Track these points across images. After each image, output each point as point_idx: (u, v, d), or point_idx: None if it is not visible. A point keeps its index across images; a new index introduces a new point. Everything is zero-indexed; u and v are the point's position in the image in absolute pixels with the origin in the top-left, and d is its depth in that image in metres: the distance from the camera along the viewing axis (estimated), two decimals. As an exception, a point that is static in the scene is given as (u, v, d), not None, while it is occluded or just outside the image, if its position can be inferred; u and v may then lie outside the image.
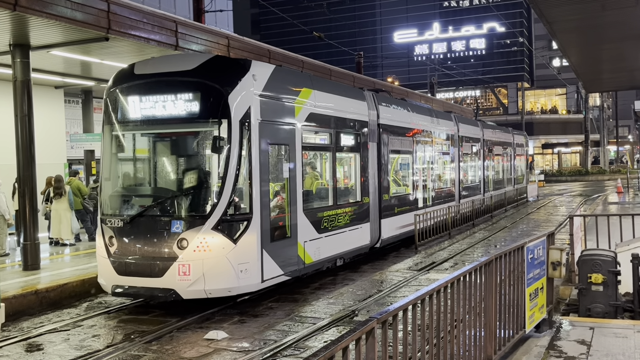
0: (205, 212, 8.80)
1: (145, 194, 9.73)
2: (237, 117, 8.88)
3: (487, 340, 5.84)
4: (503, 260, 6.20)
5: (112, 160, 9.79)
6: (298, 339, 7.51)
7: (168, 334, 7.94)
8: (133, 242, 8.96)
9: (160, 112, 9.21)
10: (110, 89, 9.76)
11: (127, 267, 8.89)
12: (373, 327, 3.72)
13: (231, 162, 8.78)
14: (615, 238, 10.44)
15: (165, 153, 9.93)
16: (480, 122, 24.28)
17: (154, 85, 9.33)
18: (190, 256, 8.59)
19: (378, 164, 13.75)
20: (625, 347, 6.39)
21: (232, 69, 9.35)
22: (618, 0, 12.25)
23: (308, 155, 11.11)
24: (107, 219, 9.24)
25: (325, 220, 11.19)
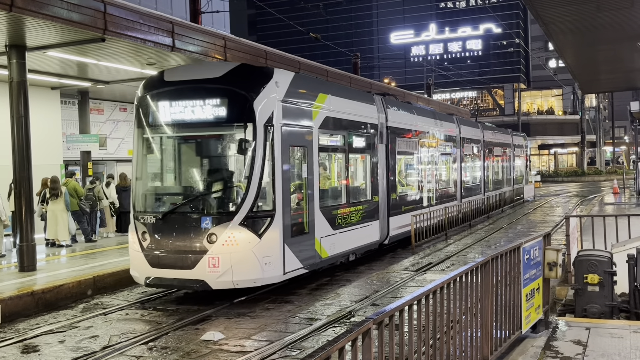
0: (232, 209, 9.50)
1: (176, 192, 10.42)
2: (261, 121, 9.53)
3: (483, 341, 5.85)
4: (499, 261, 6.21)
5: (144, 161, 10.43)
6: (294, 340, 7.51)
7: (165, 335, 7.94)
8: (165, 237, 9.62)
9: (189, 117, 9.86)
10: (141, 95, 10.34)
11: (160, 260, 9.53)
12: (369, 327, 3.72)
13: (256, 162, 9.44)
14: (611, 239, 10.47)
15: (194, 154, 10.57)
16: (481, 124, 24.84)
17: (184, 91, 9.96)
18: (219, 250, 9.24)
19: (386, 164, 14.39)
20: (621, 347, 6.41)
21: (256, 76, 9.99)
22: (613, 2, 12.28)
23: (324, 156, 11.71)
24: (140, 216, 9.88)
25: (339, 217, 11.83)
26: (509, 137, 29.26)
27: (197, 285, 9.36)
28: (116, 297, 10.54)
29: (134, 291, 10.91)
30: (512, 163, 29.54)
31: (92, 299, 10.33)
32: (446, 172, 19.62)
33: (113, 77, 15.86)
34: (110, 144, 20.03)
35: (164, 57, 13.67)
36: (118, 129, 20.45)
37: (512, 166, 29.41)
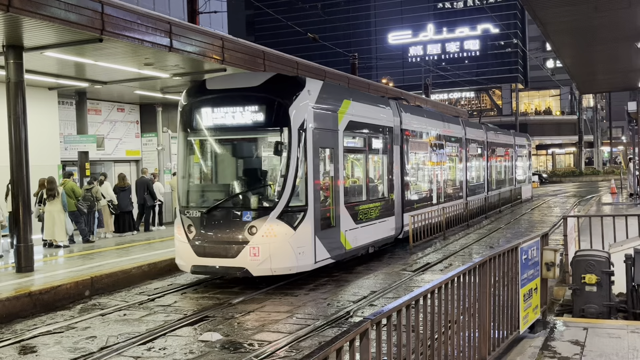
0: (270, 205, 10.57)
1: (219, 190, 11.46)
2: (295, 126, 10.60)
3: (481, 341, 5.85)
4: (497, 261, 6.22)
5: (188, 161, 11.53)
6: (292, 340, 7.51)
7: (162, 336, 7.93)
8: (210, 229, 10.70)
9: (230, 121, 10.97)
10: (185, 102, 11.44)
11: (205, 250, 10.62)
12: (367, 328, 3.72)
13: (291, 163, 10.50)
14: (608, 239, 10.48)
15: (235, 155, 11.76)
16: (484, 126, 25.80)
17: (225, 98, 11.07)
18: (259, 240, 10.31)
19: (401, 164, 15.54)
20: (618, 347, 6.41)
21: (290, 85, 11.10)
22: (611, 2, 12.29)
23: (347, 156, 12.70)
24: (186, 211, 11.00)
25: (361, 212, 12.91)
26: (511, 137, 30.26)
27: (239, 272, 10.42)
28: (114, 297, 10.53)
29: (131, 292, 10.90)
30: (514, 163, 30.50)
31: (89, 300, 10.32)
32: (453, 171, 20.64)
33: (111, 78, 15.85)
34: (107, 144, 20.00)
35: (162, 58, 13.66)
36: (116, 130, 20.43)
37: (514, 166, 30.38)
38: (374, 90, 23.69)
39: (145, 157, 21.50)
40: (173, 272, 12.45)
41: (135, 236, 16.90)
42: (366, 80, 25.18)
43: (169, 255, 13.06)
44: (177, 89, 18.11)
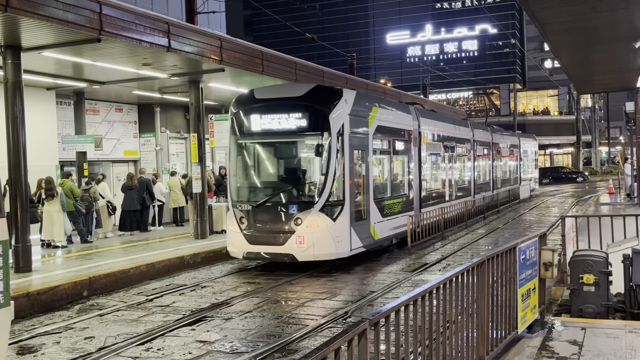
0: (313, 199, 12.02)
1: (267, 187, 12.90)
2: (334, 130, 12.07)
3: (479, 341, 5.86)
4: (495, 261, 6.22)
5: (239, 162, 12.99)
6: (291, 341, 7.51)
7: (161, 336, 7.92)
8: (260, 221, 12.21)
9: (276, 126, 12.44)
10: (235, 110, 12.99)
11: (256, 239, 12.17)
12: (365, 328, 3.72)
13: (330, 163, 11.97)
14: (606, 239, 10.49)
15: (281, 156, 13.17)
16: (490, 128, 27.24)
17: (272, 106, 12.51)
18: (304, 230, 11.79)
19: (419, 164, 17.07)
20: (616, 347, 6.42)
21: (330, 95, 12.57)
22: (609, 2, 12.30)
23: (375, 157, 14.09)
24: (238, 205, 12.46)
25: (386, 207, 14.42)
26: (516, 138, 31.90)
27: (286, 258, 11.94)
28: (112, 298, 10.52)
29: (129, 292, 10.89)
30: (520, 162, 31.99)
31: (88, 300, 10.31)
32: (462, 171, 22.18)
33: (109, 78, 15.84)
34: (106, 144, 19.99)
35: (160, 58, 13.65)
36: (114, 130, 20.41)
37: (519, 165, 31.82)
38: (372, 91, 23.71)
39: (143, 157, 21.49)
40: (171, 273, 12.54)
41: (133, 236, 16.89)
42: (364, 81, 25.18)
43: (167, 255, 13.07)
44: (175, 89, 18.11)
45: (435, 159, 19.10)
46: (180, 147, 22.45)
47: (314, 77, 19.18)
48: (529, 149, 34.82)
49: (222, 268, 13.14)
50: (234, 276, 12.17)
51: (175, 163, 21.90)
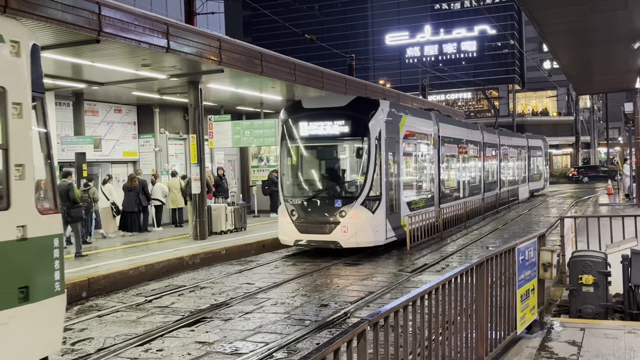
0: (355, 194, 14.00)
1: (314, 184, 14.86)
2: (373, 136, 14.06)
3: (478, 342, 5.86)
4: (494, 262, 6.23)
5: (290, 162, 14.95)
6: (290, 342, 7.51)
7: (160, 337, 7.92)
8: (309, 213, 14.14)
9: (322, 132, 14.51)
10: (285, 118, 14.97)
11: (306, 228, 14.11)
12: (365, 329, 3.73)
13: (370, 164, 13.98)
14: (605, 239, 10.48)
15: (326, 158, 15.09)
16: (498, 131, 29.14)
17: (318, 115, 14.58)
18: (347, 221, 13.72)
19: (438, 165, 18.88)
20: (615, 347, 6.43)
21: (369, 105, 14.55)
22: (608, 3, 12.31)
23: (405, 158, 16.01)
24: (290, 199, 14.45)
25: (413, 202, 16.53)
26: (524, 140, 34.09)
27: (332, 245, 13.85)
28: (111, 299, 10.52)
29: (128, 293, 10.89)
30: (527, 163, 34.22)
31: (87, 301, 10.31)
32: (474, 171, 24.07)
33: (108, 79, 15.83)
34: (105, 145, 19.98)
35: (159, 59, 13.65)
36: (113, 131, 20.40)
37: (527, 166, 34.09)
38: (371, 92, 23.74)
39: (142, 158, 21.48)
40: (170, 273, 12.53)
41: (133, 237, 16.89)
42: (363, 82, 25.18)
43: (166, 256, 13.07)
44: (175, 90, 18.11)
45: (452, 159, 20.95)
46: (180, 148, 22.45)
47: (313, 78, 19.19)
48: (539, 150, 37.03)
49: (221, 269, 13.14)
50: (233, 277, 12.17)
51: (175, 164, 21.90)
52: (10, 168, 5.33)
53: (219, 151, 22.85)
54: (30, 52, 5.66)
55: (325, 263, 13.37)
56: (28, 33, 5.75)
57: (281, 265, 13.50)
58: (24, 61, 5.60)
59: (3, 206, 5.28)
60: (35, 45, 5.78)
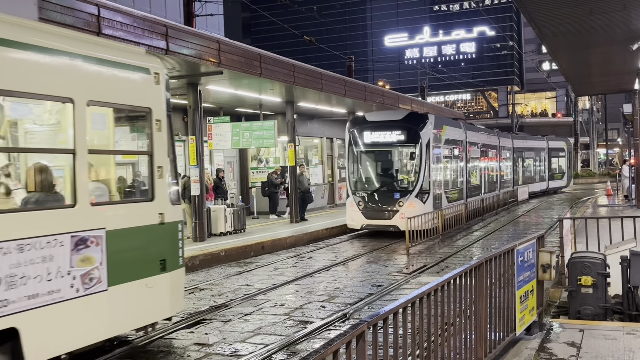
0: (410, 189, 17.98)
1: (377, 180, 18.92)
2: (423, 143, 17.95)
3: (477, 343, 5.86)
4: (493, 263, 6.23)
5: (356, 163, 18.90)
6: (289, 343, 7.51)
7: (160, 338, 7.92)
8: (373, 203, 18.11)
9: (382, 139, 18.51)
10: (352, 128, 18.95)
11: (371, 215, 17.94)
12: (363, 330, 3.73)
13: (421, 165, 17.87)
14: (604, 240, 10.48)
15: (386, 159, 19.01)
16: (511, 135, 33.51)
17: (380, 126, 18.58)
18: (404, 210, 17.33)
19: (466, 166, 22.65)
20: (614, 348, 6.43)
21: (420, 118, 18.56)
22: (606, 5, 12.33)
23: (444, 161, 19.82)
24: (357, 192, 18.41)
25: (450, 196, 20.27)
26: (543, 142, 38.25)
27: (392, 228, 17.33)
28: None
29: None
30: (547, 163, 38.10)
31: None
32: (492, 170, 27.55)
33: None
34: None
35: (158, 60, 13.64)
36: (112, 132, 20.36)
37: (546, 165, 38.07)
38: (370, 93, 23.79)
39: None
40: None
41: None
42: (362, 83, 25.21)
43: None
44: (174, 91, 18.07)
45: (476, 161, 24.67)
46: (179, 150, 22.43)
47: (312, 80, 19.21)
48: (562, 152, 40.46)
49: (220, 271, 13.13)
50: (232, 279, 12.17)
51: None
52: (154, 169, 7.08)
53: (218, 153, 22.85)
54: (164, 80, 7.29)
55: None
56: (163, 66, 7.42)
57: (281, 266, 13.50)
58: (162, 87, 7.26)
59: (149, 198, 7.06)
60: (166, 75, 7.37)
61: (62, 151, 6.29)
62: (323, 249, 16.03)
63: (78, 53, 6.20)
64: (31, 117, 6.64)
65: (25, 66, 5.63)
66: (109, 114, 6.98)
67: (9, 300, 5.25)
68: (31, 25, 6.01)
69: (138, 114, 7.23)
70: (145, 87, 7.06)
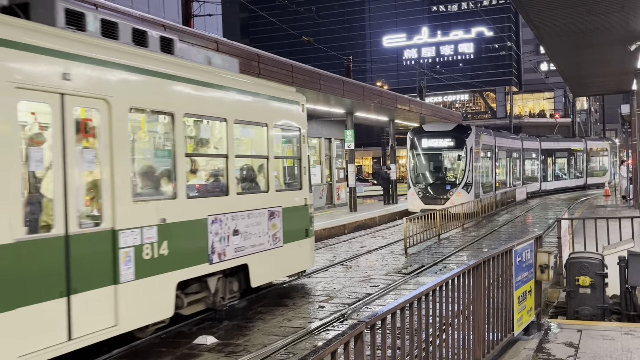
0: (458, 182, 24.11)
1: (433, 175, 24.87)
2: (468, 148, 24.09)
3: (475, 344, 5.86)
4: (491, 264, 6.24)
5: (416, 163, 25.04)
6: (287, 343, 7.51)
7: (161, 338, 7.91)
8: (429, 192, 24.29)
9: (437, 145, 24.73)
10: (412, 136, 25.18)
11: (428, 202, 23.49)
12: (362, 330, 3.73)
13: (466, 164, 24.08)
14: (602, 241, 10.50)
15: (440, 160, 25.08)
16: (539, 138, 38.85)
17: (435, 135, 24.82)
18: (454, 198, 23.22)
19: (494, 164, 28.55)
20: (612, 349, 6.44)
21: (466, 129, 25.04)
22: (604, 5, 12.35)
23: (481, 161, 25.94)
24: (417, 185, 24.51)
25: (484, 188, 26.14)
26: (581, 144, 42.57)
27: (443, 212, 18.92)
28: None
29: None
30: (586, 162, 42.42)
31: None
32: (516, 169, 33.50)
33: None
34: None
35: (156, 61, 13.63)
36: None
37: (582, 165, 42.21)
38: (368, 93, 23.80)
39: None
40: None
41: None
42: (360, 84, 25.20)
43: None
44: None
45: (503, 161, 30.87)
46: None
47: (310, 80, 19.19)
48: (605, 152, 45.09)
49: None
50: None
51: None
52: (301, 169, 10.74)
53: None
54: (305, 108, 10.98)
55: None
56: (305, 98, 11.08)
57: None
58: (305, 113, 10.97)
59: (299, 187, 10.70)
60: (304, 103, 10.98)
61: (262, 157, 9.81)
62: (322, 249, 16.05)
63: (270, 95, 9.97)
64: (245, 134, 9.92)
65: (250, 105, 9.48)
66: (279, 132, 10.40)
67: (244, 247, 8.92)
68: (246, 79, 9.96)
69: (293, 132, 10.89)
70: (297, 114, 10.74)
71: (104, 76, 6.69)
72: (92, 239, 6.43)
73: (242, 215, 8.83)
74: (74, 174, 6.26)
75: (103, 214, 6.63)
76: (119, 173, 6.79)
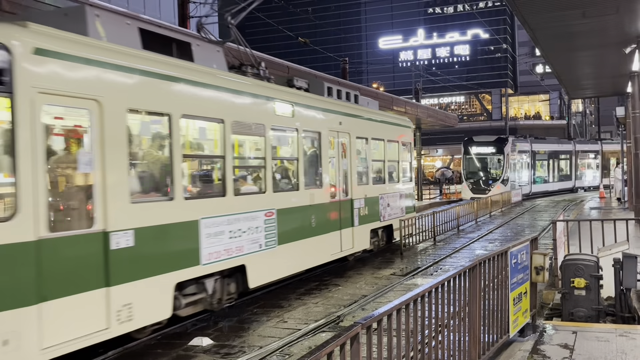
0: (498, 178, 35.05)
1: (480, 173, 35.83)
2: (506, 153, 35.20)
3: (471, 345, 5.87)
4: (487, 265, 6.25)
5: (467, 165, 36.49)
6: (283, 345, 7.51)
7: (156, 341, 7.90)
8: (477, 185, 35.37)
9: (483, 151, 36.21)
10: (465, 146, 36.87)
11: (475, 192, 34.08)
12: (357, 332, 3.74)
13: (505, 166, 35.14)
14: (597, 243, 10.53)
15: (485, 162, 35.97)
16: (573, 141, 45.99)
17: (481, 144, 36.46)
18: (494, 190, 32.91)
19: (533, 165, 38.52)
20: (607, 350, 6.46)
21: (505, 139, 36.39)
22: (599, 8, 12.40)
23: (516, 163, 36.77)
24: (468, 180, 35.92)
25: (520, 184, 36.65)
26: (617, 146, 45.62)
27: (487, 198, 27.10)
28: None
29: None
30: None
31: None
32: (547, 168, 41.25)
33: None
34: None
35: (153, 62, 13.60)
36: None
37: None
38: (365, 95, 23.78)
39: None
40: None
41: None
42: (357, 85, 25.24)
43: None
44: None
45: (538, 162, 39.66)
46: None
47: (306, 82, 19.15)
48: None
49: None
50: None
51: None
52: (411, 168, 17.41)
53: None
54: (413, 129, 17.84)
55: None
56: (412, 123, 17.08)
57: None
58: (412, 132, 17.43)
59: (397, 181, 15.92)
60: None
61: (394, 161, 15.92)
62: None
63: (386, 120, 15.38)
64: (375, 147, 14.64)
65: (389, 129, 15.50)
66: (396, 144, 15.77)
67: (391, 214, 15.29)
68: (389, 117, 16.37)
69: (406, 145, 16.49)
70: (409, 133, 16.83)
71: None
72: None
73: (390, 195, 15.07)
74: None
75: None
76: None
